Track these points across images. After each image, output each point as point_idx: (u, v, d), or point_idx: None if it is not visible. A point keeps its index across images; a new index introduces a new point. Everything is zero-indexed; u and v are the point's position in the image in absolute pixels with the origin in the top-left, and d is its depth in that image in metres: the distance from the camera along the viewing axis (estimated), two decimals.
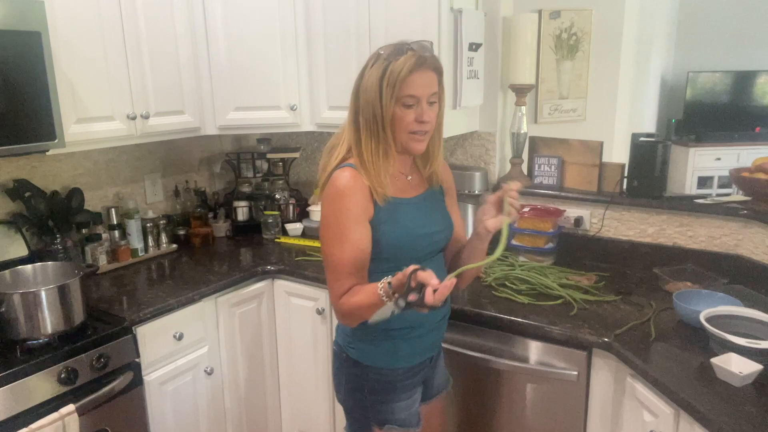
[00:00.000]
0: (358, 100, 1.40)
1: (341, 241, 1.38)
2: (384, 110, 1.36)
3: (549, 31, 3.06)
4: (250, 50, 2.43)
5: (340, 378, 1.58)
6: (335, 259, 1.40)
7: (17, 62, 1.72)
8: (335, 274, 1.40)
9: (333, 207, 1.40)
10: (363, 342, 1.51)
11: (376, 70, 1.36)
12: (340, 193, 1.38)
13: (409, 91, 1.35)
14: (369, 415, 1.53)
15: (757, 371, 1.40)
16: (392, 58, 1.34)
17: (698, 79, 5.13)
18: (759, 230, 2.01)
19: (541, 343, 1.79)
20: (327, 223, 1.41)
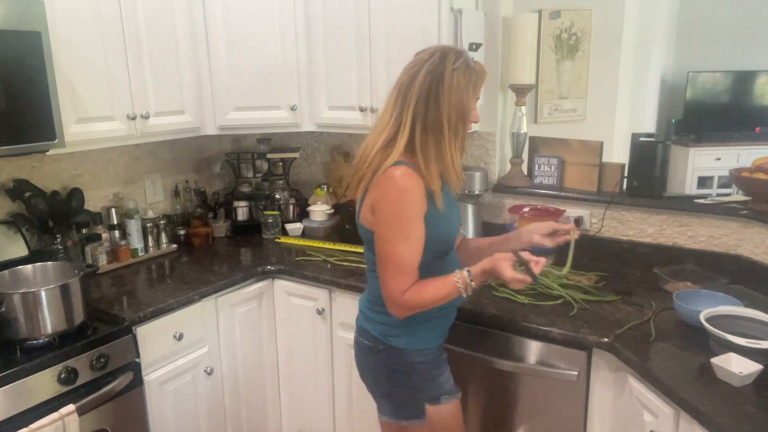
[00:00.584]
0: (440, 100, 1.43)
1: (407, 237, 1.44)
2: (469, 112, 1.47)
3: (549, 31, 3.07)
4: (250, 50, 2.43)
5: (378, 370, 1.63)
6: (400, 256, 1.44)
7: (17, 62, 1.72)
8: (398, 269, 1.45)
9: (398, 204, 1.43)
10: (405, 329, 1.57)
11: (463, 74, 1.44)
12: (405, 191, 1.42)
13: (479, 95, 1.50)
14: (420, 396, 1.61)
15: (757, 371, 1.40)
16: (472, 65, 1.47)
17: (698, 79, 5.13)
18: (759, 230, 2.01)
19: (541, 343, 1.79)
20: (390, 221, 1.44)
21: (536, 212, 2.32)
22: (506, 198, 2.51)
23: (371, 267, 1.60)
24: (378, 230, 1.47)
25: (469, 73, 1.45)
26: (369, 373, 1.68)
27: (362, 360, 1.68)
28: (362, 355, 1.67)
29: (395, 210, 1.43)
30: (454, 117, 1.44)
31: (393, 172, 1.43)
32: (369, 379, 1.69)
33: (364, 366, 1.68)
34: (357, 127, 2.46)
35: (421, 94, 1.44)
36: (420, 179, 1.44)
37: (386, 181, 1.44)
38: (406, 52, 2.22)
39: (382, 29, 2.27)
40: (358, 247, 2.52)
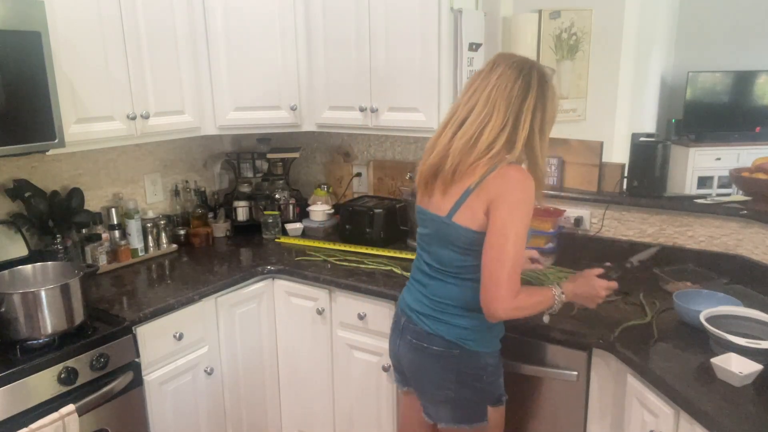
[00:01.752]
0: (546, 106, 1.51)
1: (525, 238, 1.45)
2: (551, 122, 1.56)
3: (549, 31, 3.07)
4: (250, 50, 2.43)
5: (448, 375, 1.57)
6: (518, 256, 1.43)
7: (17, 62, 1.72)
8: (515, 270, 1.43)
9: (526, 204, 1.45)
10: (483, 332, 1.57)
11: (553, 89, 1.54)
12: (530, 191, 1.45)
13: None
14: (485, 398, 1.60)
15: (757, 371, 1.40)
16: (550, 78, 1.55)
17: (698, 79, 5.13)
18: (759, 230, 2.01)
19: (541, 343, 1.79)
20: (517, 219, 1.43)
21: (536, 212, 2.32)
22: None
23: (454, 271, 1.54)
24: (501, 228, 1.43)
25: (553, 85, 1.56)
26: (433, 379, 1.60)
27: (428, 366, 1.60)
28: (428, 362, 1.59)
29: (524, 208, 1.44)
30: (549, 122, 1.54)
31: (515, 172, 1.45)
32: (431, 386, 1.62)
33: (430, 373, 1.60)
34: (357, 127, 2.46)
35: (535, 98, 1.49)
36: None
37: (511, 179, 1.44)
38: (406, 52, 2.25)
39: (382, 29, 2.27)
40: (358, 247, 2.52)
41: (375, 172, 2.89)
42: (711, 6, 5.16)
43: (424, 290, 1.62)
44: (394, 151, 2.83)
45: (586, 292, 1.56)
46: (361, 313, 2.17)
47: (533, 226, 2.27)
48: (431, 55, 2.20)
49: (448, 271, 1.55)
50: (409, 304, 1.65)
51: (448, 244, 1.53)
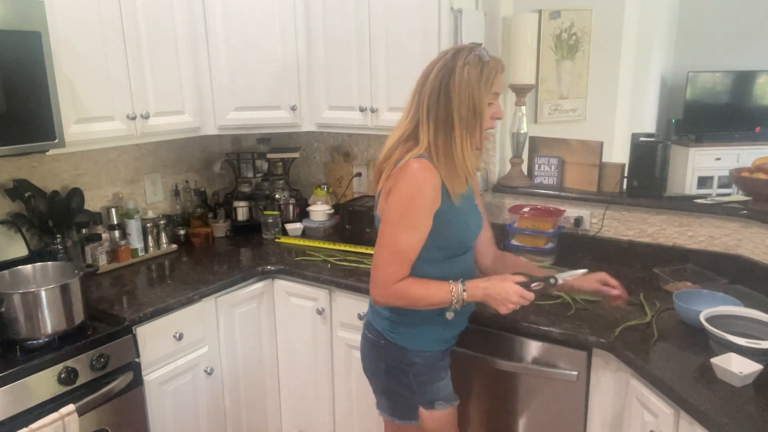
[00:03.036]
0: (450, 97, 1.43)
1: (411, 227, 1.44)
2: (482, 106, 1.44)
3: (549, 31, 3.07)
4: (251, 50, 2.43)
5: (378, 364, 1.65)
6: (400, 244, 1.45)
7: (17, 62, 1.72)
8: (394, 258, 1.45)
9: (410, 193, 1.43)
10: (408, 327, 1.58)
11: (473, 69, 1.43)
12: (420, 182, 1.43)
13: (495, 89, 1.47)
14: (415, 397, 1.61)
15: (757, 371, 1.40)
16: (484, 60, 1.45)
17: (698, 79, 5.13)
18: (759, 230, 2.01)
19: (541, 343, 1.79)
20: (400, 207, 1.45)
21: (536, 212, 2.33)
22: (506, 198, 2.51)
23: None
24: (384, 216, 1.48)
25: (480, 66, 1.44)
26: (369, 367, 1.70)
27: (365, 352, 1.70)
28: (365, 348, 1.69)
29: (405, 198, 1.44)
30: (465, 112, 1.43)
31: (411, 164, 1.44)
32: (369, 373, 1.71)
33: (366, 359, 1.70)
34: (357, 127, 2.46)
35: (434, 90, 1.45)
36: (436, 174, 1.44)
37: (402, 170, 1.45)
38: (406, 52, 2.25)
39: (382, 29, 2.27)
40: (358, 247, 2.52)
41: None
42: (711, 6, 5.16)
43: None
44: None
45: (498, 293, 1.48)
46: (361, 313, 2.17)
47: (534, 226, 2.28)
48: (431, 55, 2.17)
49: None
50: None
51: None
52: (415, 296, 1.47)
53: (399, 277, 1.46)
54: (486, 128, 1.50)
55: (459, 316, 1.62)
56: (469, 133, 1.45)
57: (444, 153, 1.45)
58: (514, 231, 2.34)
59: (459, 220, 1.53)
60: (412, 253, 1.46)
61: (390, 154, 1.52)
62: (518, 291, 1.48)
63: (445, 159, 1.45)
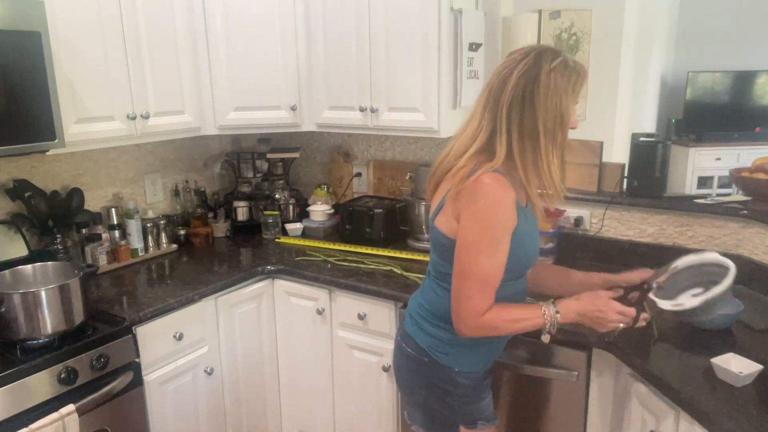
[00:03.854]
0: (535, 104, 1.31)
1: (494, 251, 1.33)
2: (569, 117, 1.35)
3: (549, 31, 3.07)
4: (251, 50, 2.43)
5: (418, 381, 1.56)
6: (485, 272, 1.33)
7: (17, 62, 1.72)
8: (481, 287, 1.34)
9: (489, 214, 1.32)
10: (459, 348, 1.49)
11: (561, 77, 1.32)
12: (498, 200, 1.31)
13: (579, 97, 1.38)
14: (457, 417, 1.55)
15: (757, 371, 1.40)
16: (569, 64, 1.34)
17: (698, 79, 5.13)
18: (759, 230, 2.00)
19: (541, 343, 1.79)
20: (480, 230, 1.33)
21: None
22: None
23: (437, 276, 1.50)
24: (463, 240, 1.35)
25: (568, 73, 1.33)
26: (408, 382, 1.61)
27: (403, 367, 1.61)
28: (403, 362, 1.60)
29: (486, 221, 1.32)
30: (551, 122, 1.33)
31: (484, 179, 1.31)
32: (406, 388, 1.63)
33: (405, 374, 1.61)
34: (357, 127, 2.46)
35: (515, 98, 1.33)
36: (512, 190, 1.33)
37: (477, 188, 1.32)
38: (406, 52, 2.25)
39: (382, 29, 2.27)
40: (358, 247, 2.52)
41: (375, 172, 2.89)
42: (711, 6, 5.16)
43: (420, 292, 1.62)
44: (394, 151, 2.83)
45: (594, 314, 1.37)
46: (361, 313, 2.17)
47: None
48: (431, 55, 2.20)
49: (434, 275, 1.52)
50: (409, 304, 1.65)
51: (433, 247, 1.51)
52: (506, 325, 1.38)
53: (486, 308, 1.35)
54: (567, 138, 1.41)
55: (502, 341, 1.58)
56: (553, 145, 1.36)
57: (531, 166, 1.35)
58: None
59: (531, 239, 1.44)
60: (497, 281, 1.35)
61: (453, 165, 1.40)
62: (615, 308, 1.36)
63: (531, 173, 1.35)
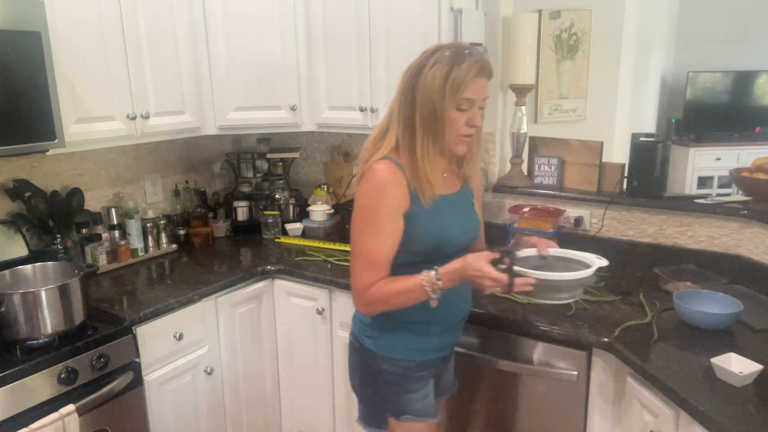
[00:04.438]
0: (414, 97, 1.39)
1: (377, 230, 1.42)
2: (444, 111, 1.38)
3: (549, 31, 3.07)
4: (250, 50, 2.43)
5: (354, 368, 1.64)
6: (367, 249, 1.43)
7: (17, 62, 1.72)
8: (366, 263, 1.43)
9: (371, 198, 1.42)
10: (380, 332, 1.55)
11: (439, 71, 1.36)
12: (380, 185, 1.40)
13: (467, 95, 1.38)
14: (385, 406, 1.58)
15: (757, 371, 1.40)
16: (456, 62, 1.36)
17: (698, 79, 5.13)
18: (759, 230, 2.01)
19: (541, 343, 1.79)
20: (363, 213, 1.44)
21: (536, 212, 2.32)
22: (506, 198, 2.51)
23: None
24: (352, 222, 1.47)
25: (448, 69, 1.36)
26: (349, 371, 1.70)
27: (348, 356, 1.70)
28: (349, 351, 1.69)
29: (369, 202, 1.43)
30: (427, 116, 1.39)
31: (374, 166, 1.42)
32: (349, 376, 1.71)
33: (348, 362, 1.70)
34: (357, 127, 2.46)
35: (403, 87, 1.43)
36: (400, 175, 1.41)
37: (365, 174, 1.43)
38: (406, 52, 2.22)
39: (382, 29, 2.27)
40: None
41: None
42: (711, 6, 5.16)
43: None
44: None
45: (471, 275, 1.35)
46: None
47: (534, 226, 2.28)
48: None
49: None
50: None
51: None
52: (388, 295, 1.42)
53: (371, 283, 1.43)
54: (458, 134, 1.43)
55: (438, 327, 1.56)
56: (431, 138, 1.41)
57: (408, 155, 1.42)
58: (514, 231, 2.34)
59: (430, 222, 1.45)
60: (382, 258, 1.43)
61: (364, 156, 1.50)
62: (489, 274, 1.33)
63: (409, 161, 1.42)
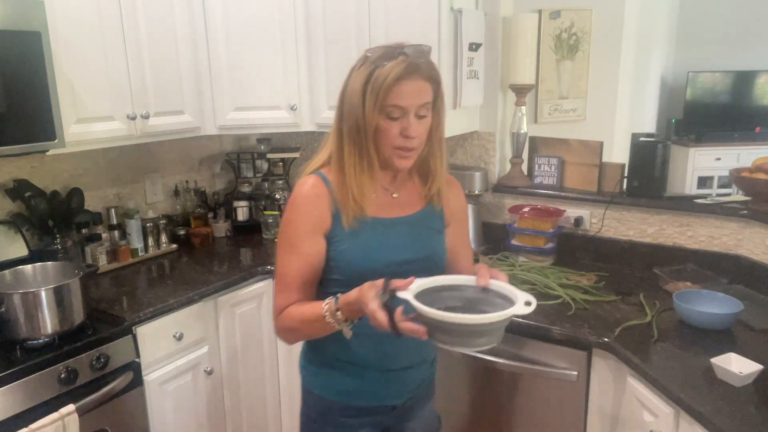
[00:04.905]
0: (342, 105, 1.25)
1: (290, 251, 1.28)
2: (366, 120, 1.19)
3: (549, 31, 3.07)
4: (250, 50, 2.43)
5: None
6: (282, 270, 1.30)
7: (17, 62, 1.72)
8: (281, 285, 1.30)
9: (287, 215, 1.30)
10: (310, 364, 1.41)
11: (361, 74, 1.20)
12: (297, 202, 1.29)
13: (394, 101, 1.18)
14: None
15: (757, 371, 1.40)
16: (379, 63, 1.17)
17: (698, 79, 5.13)
18: (759, 230, 2.01)
19: (541, 343, 1.79)
20: (281, 231, 1.32)
21: (536, 212, 2.33)
22: (506, 198, 2.51)
23: None
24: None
25: (368, 72, 1.18)
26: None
27: None
28: None
29: (285, 220, 1.31)
30: (352, 126, 1.22)
31: (300, 181, 1.31)
32: None
33: None
34: None
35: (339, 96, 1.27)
36: (325, 191, 1.27)
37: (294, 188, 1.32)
38: None
39: (382, 29, 2.27)
40: None
41: None
42: (711, 6, 5.16)
43: None
44: None
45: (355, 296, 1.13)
46: None
47: (534, 226, 2.28)
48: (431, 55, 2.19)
49: None
50: None
51: None
52: (296, 321, 1.26)
53: (283, 307, 1.28)
54: (393, 146, 1.23)
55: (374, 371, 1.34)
56: (358, 151, 1.23)
57: (337, 170, 1.26)
58: (514, 231, 2.34)
59: (353, 247, 1.27)
60: (295, 280, 1.27)
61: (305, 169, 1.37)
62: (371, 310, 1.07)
63: (337, 177, 1.26)
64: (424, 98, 1.21)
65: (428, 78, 1.21)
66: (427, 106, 1.22)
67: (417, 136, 1.21)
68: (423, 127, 1.23)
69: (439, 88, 1.25)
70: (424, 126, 1.24)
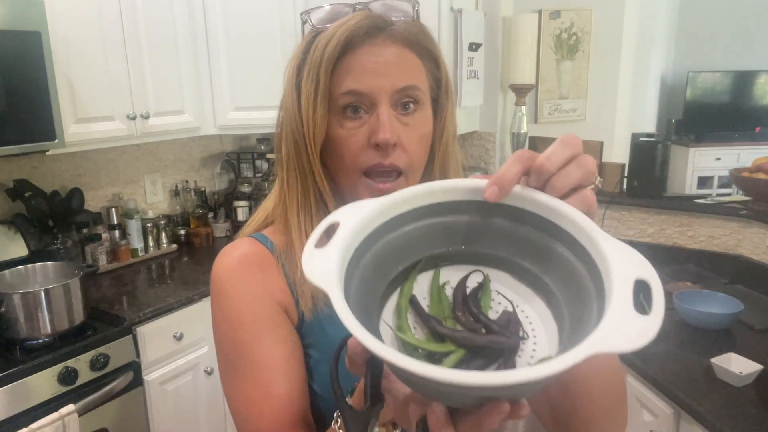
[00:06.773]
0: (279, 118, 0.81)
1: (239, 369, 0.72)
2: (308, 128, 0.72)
3: (549, 31, 3.07)
4: (250, 50, 2.43)
5: None
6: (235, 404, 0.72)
7: (17, 62, 1.72)
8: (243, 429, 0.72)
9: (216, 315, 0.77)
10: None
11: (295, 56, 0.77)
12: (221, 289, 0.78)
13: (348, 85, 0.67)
14: None
15: (757, 371, 1.40)
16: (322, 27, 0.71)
17: (698, 79, 5.13)
18: (759, 230, 2.01)
19: None
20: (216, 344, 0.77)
21: None
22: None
23: None
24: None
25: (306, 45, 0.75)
26: None
27: None
28: None
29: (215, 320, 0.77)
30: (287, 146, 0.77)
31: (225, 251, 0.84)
32: None
33: None
34: None
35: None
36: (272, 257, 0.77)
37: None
38: None
39: None
40: None
41: None
42: (711, 6, 5.16)
43: None
44: None
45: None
46: None
47: None
48: None
49: None
50: None
51: None
52: None
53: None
54: (359, 166, 0.69)
55: None
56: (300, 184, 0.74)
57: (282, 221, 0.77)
58: None
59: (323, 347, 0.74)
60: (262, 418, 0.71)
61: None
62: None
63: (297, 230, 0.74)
64: (406, 78, 0.68)
65: (408, 44, 0.70)
66: (411, 91, 0.68)
67: (398, 140, 0.67)
68: (411, 129, 0.69)
69: (437, 68, 0.74)
70: (414, 126, 0.69)
